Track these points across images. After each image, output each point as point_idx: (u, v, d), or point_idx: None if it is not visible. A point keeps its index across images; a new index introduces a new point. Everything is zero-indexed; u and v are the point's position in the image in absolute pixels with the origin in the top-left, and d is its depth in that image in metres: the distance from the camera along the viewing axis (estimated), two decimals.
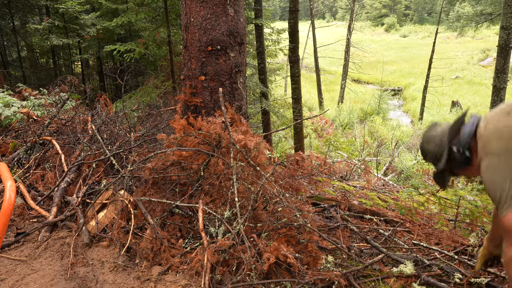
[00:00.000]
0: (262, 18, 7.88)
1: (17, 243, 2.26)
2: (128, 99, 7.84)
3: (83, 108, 4.47)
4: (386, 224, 3.01)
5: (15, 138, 3.93)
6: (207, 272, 1.85)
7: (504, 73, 6.45)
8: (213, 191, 2.34)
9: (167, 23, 6.92)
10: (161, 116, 4.20)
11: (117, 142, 3.25)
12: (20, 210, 2.62)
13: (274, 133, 9.43)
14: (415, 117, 18.78)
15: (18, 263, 2.07)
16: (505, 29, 6.26)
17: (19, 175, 3.04)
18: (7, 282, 1.90)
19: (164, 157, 2.45)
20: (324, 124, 12.73)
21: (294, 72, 6.43)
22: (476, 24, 15.21)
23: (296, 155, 2.66)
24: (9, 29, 11.50)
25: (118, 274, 1.99)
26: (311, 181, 3.60)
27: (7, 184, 1.30)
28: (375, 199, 3.74)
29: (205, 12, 2.71)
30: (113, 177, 2.75)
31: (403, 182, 7.56)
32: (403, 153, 11.04)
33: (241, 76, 2.92)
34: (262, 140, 2.42)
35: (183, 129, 2.54)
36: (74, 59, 13.35)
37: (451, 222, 3.18)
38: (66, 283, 1.91)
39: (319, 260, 2.09)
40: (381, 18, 57.34)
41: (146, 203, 2.33)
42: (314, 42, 19.63)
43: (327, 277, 1.91)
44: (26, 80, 11.04)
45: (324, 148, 9.92)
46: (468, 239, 2.57)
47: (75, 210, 2.51)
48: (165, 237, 2.12)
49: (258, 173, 2.34)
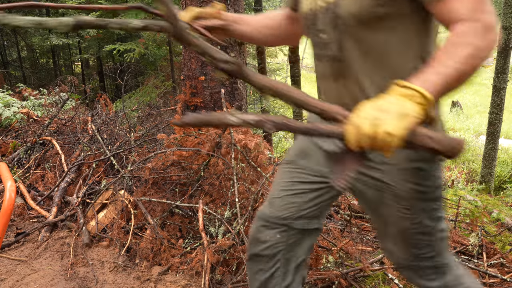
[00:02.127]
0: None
1: (17, 243, 2.26)
2: (128, 99, 7.83)
3: (83, 108, 4.47)
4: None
5: (15, 138, 3.93)
6: (207, 272, 1.85)
7: (504, 73, 6.45)
8: (213, 191, 2.34)
9: None
10: (161, 116, 4.20)
11: (117, 142, 3.25)
12: (20, 210, 2.62)
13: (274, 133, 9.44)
14: None
15: (18, 263, 2.07)
16: (505, 29, 6.26)
17: (19, 175, 3.04)
18: (7, 282, 1.90)
19: (164, 157, 2.45)
20: None
21: (294, 72, 6.43)
22: None
23: None
24: (9, 29, 11.50)
25: (118, 274, 1.99)
26: None
27: (7, 184, 1.30)
28: None
29: None
30: (113, 177, 2.75)
31: None
32: None
33: None
34: (262, 140, 2.42)
35: (183, 129, 2.54)
36: (74, 59, 13.34)
37: (451, 222, 3.18)
38: (66, 283, 1.91)
39: (320, 260, 2.09)
40: None
41: (146, 203, 2.33)
42: None
43: (327, 276, 1.91)
44: (26, 80, 11.04)
45: None
46: (468, 239, 2.57)
47: (75, 210, 2.51)
48: (165, 237, 2.12)
49: (258, 173, 2.34)
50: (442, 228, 1.13)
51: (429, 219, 1.09)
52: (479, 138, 13.58)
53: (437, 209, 1.10)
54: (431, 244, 1.12)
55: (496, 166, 7.18)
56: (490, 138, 6.75)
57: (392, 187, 1.05)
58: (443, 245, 1.15)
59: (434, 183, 1.06)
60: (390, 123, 0.76)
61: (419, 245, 1.11)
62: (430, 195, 1.06)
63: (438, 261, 1.15)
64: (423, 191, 1.05)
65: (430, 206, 1.08)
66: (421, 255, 1.13)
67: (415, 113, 0.78)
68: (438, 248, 1.13)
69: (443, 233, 1.13)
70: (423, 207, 1.07)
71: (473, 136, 14.10)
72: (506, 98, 6.76)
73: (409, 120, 0.77)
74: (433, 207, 1.08)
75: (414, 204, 1.06)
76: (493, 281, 2.07)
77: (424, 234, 1.10)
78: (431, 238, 1.11)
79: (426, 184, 1.05)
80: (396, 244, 1.15)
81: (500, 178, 9.29)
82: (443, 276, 1.16)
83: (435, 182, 1.06)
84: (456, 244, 2.56)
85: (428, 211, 1.08)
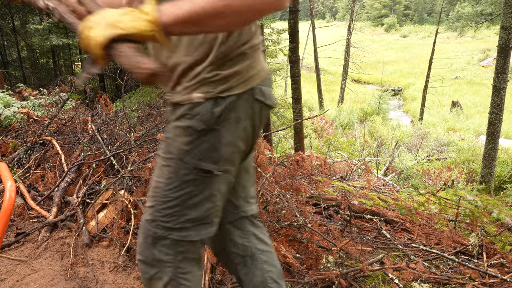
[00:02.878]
0: (262, 18, 7.87)
1: (17, 243, 2.26)
2: (128, 99, 7.84)
3: (83, 108, 4.47)
4: (386, 224, 3.01)
5: (15, 138, 3.93)
6: (207, 272, 1.85)
7: (504, 73, 6.45)
8: None
9: None
10: (161, 116, 4.19)
11: (117, 142, 3.25)
12: (20, 210, 2.62)
13: (274, 133, 9.43)
14: (415, 117, 18.78)
15: (18, 263, 2.07)
16: (505, 29, 6.26)
17: (19, 175, 3.04)
18: (7, 282, 1.90)
19: None
20: (324, 124, 12.74)
21: (294, 72, 6.42)
22: (476, 24, 15.22)
23: (296, 155, 2.66)
24: (9, 29, 11.51)
25: (118, 274, 1.99)
26: (311, 181, 3.60)
27: (7, 184, 1.30)
28: (375, 199, 3.74)
29: None
30: (113, 177, 2.75)
31: (403, 182, 7.57)
32: (403, 153, 11.04)
33: None
34: (263, 140, 2.42)
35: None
36: (74, 59, 13.34)
37: (451, 222, 3.18)
38: (66, 283, 1.91)
39: (320, 260, 2.09)
40: (381, 18, 57.34)
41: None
42: (314, 42, 19.63)
43: (327, 276, 1.91)
44: (26, 80, 11.04)
45: (324, 148, 9.92)
46: (468, 239, 2.57)
47: (75, 210, 2.50)
48: None
49: (258, 173, 2.34)
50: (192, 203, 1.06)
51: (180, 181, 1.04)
52: (479, 138, 13.59)
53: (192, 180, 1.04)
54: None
55: (496, 166, 7.18)
56: (490, 138, 6.75)
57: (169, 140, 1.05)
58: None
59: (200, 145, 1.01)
60: (96, 29, 0.80)
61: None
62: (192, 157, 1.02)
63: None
64: (187, 150, 1.02)
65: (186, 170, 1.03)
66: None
67: (131, 28, 0.80)
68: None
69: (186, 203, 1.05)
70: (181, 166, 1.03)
71: (473, 136, 14.11)
72: (506, 98, 6.76)
73: (115, 31, 0.79)
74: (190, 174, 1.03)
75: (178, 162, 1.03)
76: (493, 281, 2.06)
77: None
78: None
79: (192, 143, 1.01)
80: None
81: (500, 178, 9.30)
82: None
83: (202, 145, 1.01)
84: (456, 244, 2.56)
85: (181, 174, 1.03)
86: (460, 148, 12.21)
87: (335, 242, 2.27)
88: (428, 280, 2.06)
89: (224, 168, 1.05)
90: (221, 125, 1.00)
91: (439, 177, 8.84)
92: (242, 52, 1.01)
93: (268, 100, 1.09)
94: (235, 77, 1.00)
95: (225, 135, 1.01)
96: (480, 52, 31.67)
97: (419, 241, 2.65)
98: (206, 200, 1.07)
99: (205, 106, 0.99)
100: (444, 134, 14.38)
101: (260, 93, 1.05)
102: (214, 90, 0.99)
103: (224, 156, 1.04)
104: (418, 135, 13.54)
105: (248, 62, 1.03)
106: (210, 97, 0.99)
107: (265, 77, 1.08)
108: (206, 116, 0.99)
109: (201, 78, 0.99)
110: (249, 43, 1.03)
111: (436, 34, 18.45)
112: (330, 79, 27.58)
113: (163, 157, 1.06)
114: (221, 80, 0.99)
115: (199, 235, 1.09)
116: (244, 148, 1.09)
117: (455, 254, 2.44)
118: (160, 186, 1.07)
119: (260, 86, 1.05)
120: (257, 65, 1.06)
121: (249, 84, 1.03)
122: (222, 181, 1.07)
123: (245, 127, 1.05)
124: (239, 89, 1.01)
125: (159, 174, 1.07)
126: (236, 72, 1.00)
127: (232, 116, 1.01)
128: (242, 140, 1.06)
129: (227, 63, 0.99)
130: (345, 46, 21.32)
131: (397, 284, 1.94)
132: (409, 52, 36.30)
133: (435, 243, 2.63)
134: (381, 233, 2.75)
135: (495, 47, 6.78)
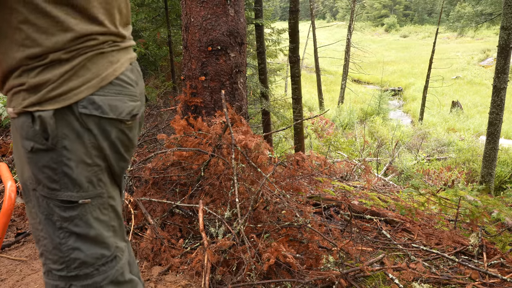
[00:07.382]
0: (262, 18, 7.88)
1: (18, 243, 2.26)
2: None
3: None
4: (386, 224, 3.01)
5: None
6: (207, 272, 1.85)
7: (504, 73, 6.45)
8: (214, 192, 2.34)
9: (167, 23, 6.92)
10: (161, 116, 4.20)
11: None
12: (20, 210, 2.62)
13: (274, 133, 9.44)
14: (415, 117, 18.78)
15: (18, 263, 2.07)
16: (505, 29, 6.26)
17: None
18: (8, 282, 1.90)
19: (164, 157, 2.45)
20: (324, 124, 12.73)
21: (295, 72, 6.43)
22: (476, 24, 15.22)
23: (297, 155, 2.66)
24: None
25: None
26: (311, 181, 3.61)
27: (7, 184, 1.30)
28: (375, 199, 3.74)
29: (206, 13, 2.72)
30: None
31: (403, 182, 7.58)
32: (403, 153, 11.05)
33: (242, 76, 2.92)
34: (263, 140, 2.42)
35: (183, 129, 2.54)
36: None
37: (451, 222, 3.18)
38: None
39: (320, 260, 2.09)
40: (381, 18, 57.35)
41: (146, 203, 2.33)
42: (315, 42, 19.63)
43: (327, 276, 1.90)
44: None
45: (324, 148, 9.92)
46: (468, 239, 2.57)
47: None
48: (165, 237, 2.12)
49: (259, 173, 2.34)
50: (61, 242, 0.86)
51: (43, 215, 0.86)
52: (479, 138, 13.59)
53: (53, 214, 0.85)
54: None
55: (496, 166, 7.18)
56: (490, 138, 6.75)
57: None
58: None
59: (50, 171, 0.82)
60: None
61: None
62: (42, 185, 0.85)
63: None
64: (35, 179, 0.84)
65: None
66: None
67: None
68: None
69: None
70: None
71: (473, 136, 14.11)
72: (506, 98, 6.76)
73: None
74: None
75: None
76: (493, 281, 2.06)
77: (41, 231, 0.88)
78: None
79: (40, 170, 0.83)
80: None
81: (500, 178, 9.30)
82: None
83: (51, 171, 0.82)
84: (456, 244, 2.56)
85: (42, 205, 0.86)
86: (460, 148, 12.22)
87: (335, 242, 2.27)
88: (428, 280, 2.06)
89: (89, 193, 0.86)
90: (58, 144, 0.81)
91: (439, 177, 8.84)
92: (57, 56, 0.79)
93: (111, 113, 0.85)
94: (45, 87, 0.80)
95: (68, 155, 0.82)
96: (480, 52, 31.66)
97: (419, 241, 2.66)
98: (90, 236, 0.87)
99: (23, 122, 0.81)
100: (444, 134, 14.38)
101: (92, 106, 0.83)
102: (23, 103, 0.80)
103: (80, 179, 0.84)
104: (418, 135, 13.54)
105: (67, 68, 0.81)
106: (19, 112, 0.81)
107: (104, 85, 0.85)
108: (31, 133, 0.80)
109: (9, 86, 0.82)
110: (71, 45, 0.81)
111: (436, 34, 18.45)
112: (330, 79, 27.57)
113: (22, 189, 0.89)
114: (28, 91, 0.80)
115: (107, 276, 0.90)
116: (105, 164, 0.90)
117: (455, 254, 2.44)
118: (34, 227, 0.88)
119: (94, 96, 0.83)
120: (86, 72, 0.83)
121: (72, 97, 0.81)
122: (96, 208, 0.88)
123: (95, 145, 0.85)
124: (55, 104, 0.80)
125: (27, 213, 0.91)
126: (47, 81, 0.80)
127: (66, 132, 0.81)
128: (98, 157, 0.87)
129: (35, 69, 0.79)
130: (345, 46, 21.32)
131: (397, 284, 1.94)
132: (409, 52, 36.29)
133: (435, 243, 2.63)
134: (381, 233, 2.75)
135: (495, 47, 6.78)
